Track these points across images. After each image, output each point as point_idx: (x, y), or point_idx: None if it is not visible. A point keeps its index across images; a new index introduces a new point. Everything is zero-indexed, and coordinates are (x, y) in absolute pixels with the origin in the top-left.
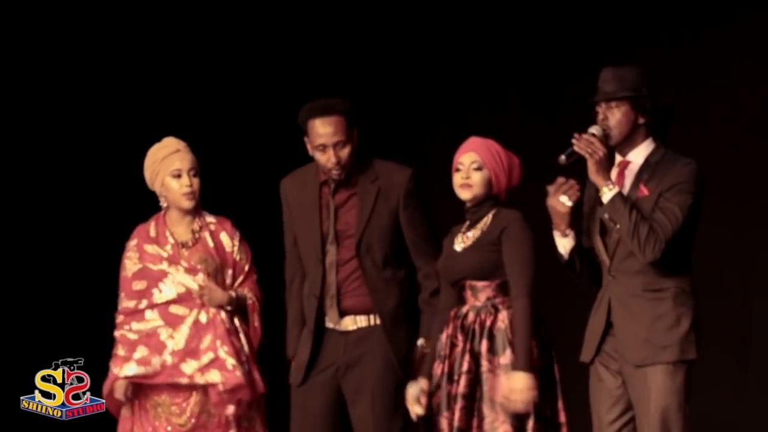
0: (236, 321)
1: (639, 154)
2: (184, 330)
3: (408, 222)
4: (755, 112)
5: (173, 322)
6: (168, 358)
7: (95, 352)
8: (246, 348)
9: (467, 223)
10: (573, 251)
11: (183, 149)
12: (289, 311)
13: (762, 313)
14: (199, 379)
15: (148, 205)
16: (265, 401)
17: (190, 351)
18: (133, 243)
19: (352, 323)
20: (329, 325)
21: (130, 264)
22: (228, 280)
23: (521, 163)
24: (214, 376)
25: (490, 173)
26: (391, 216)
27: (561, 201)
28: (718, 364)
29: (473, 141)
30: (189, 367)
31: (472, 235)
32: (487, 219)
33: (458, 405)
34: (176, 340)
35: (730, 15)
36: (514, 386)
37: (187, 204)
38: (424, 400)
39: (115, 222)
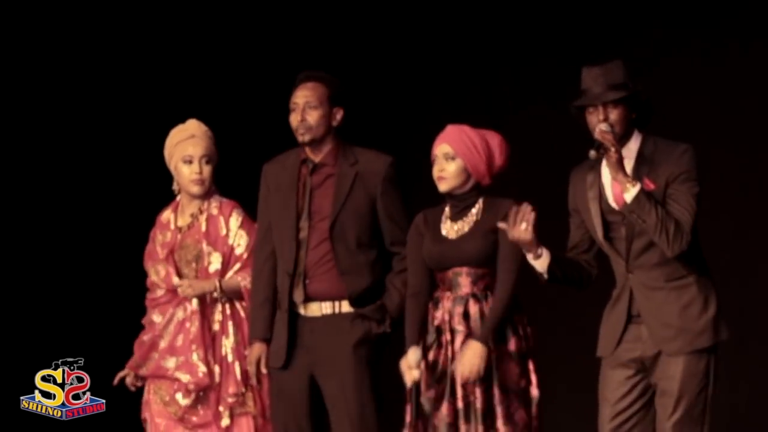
0: (227, 308)
1: (630, 149)
2: (170, 328)
3: (385, 209)
4: (754, 104)
5: (163, 311)
6: (155, 355)
7: (95, 352)
8: (232, 339)
9: (450, 210)
10: (551, 267)
11: (199, 135)
12: (258, 293)
13: (761, 303)
14: (175, 376)
15: (146, 207)
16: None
17: (170, 348)
18: (152, 231)
19: (318, 310)
20: (300, 310)
21: (146, 253)
22: (216, 266)
23: (504, 141)
24: (183, 377)
25: (464, 162)
26: (368, 201)
27: (522, 229)
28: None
29: (447, 131)
30: (169, 363)
31: (466, 222)
32: (479, 207)
33: (479, 389)
34: (164, 338)
35: (723, 12)
36: (468, 353)
37: (196, 190)
38: (423, 365)
39: (115, 223)
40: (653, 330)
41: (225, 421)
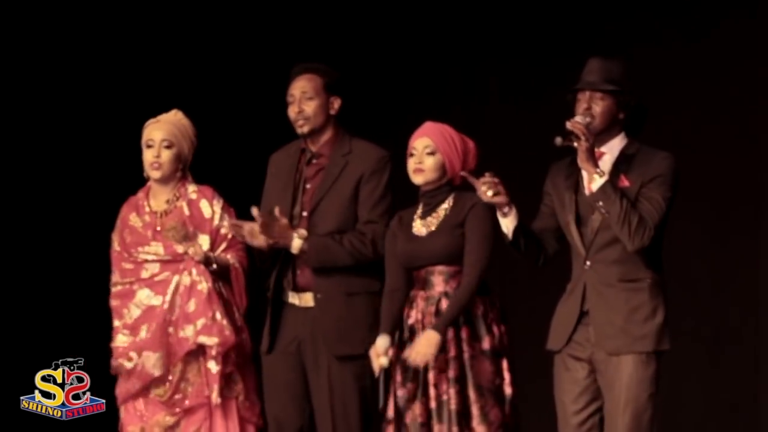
0: (219, 285)
1: (613, 147)
2: (177, 298)
3: (363, 197)
4: (732, 109)
5: (161, 290)
6: (171, 330)
7: (95, 352)
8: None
9: (422, 208)
10: (516, 230)
11: (163, 120)
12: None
13: (734, 308)
14: (198, 341)
15: None
16: (253, 368)
17: (185, 316)
18: (122, 214)
19: (312, 299)
20: (291, 300)
21: (116, 238)
22: (206, 247)
23: (477, 146)
24: (208, 340)
25: (443, 158)
26: (353, 190)
27: (482, 190)
28: (690, 356)
29: (427, 126)
30: (188, 331)
31: (435, 219)
32: (449, 203)
33: (453, 389)
34: (174, 311)
35: (713, 15)
36: (422, 341)
37: (154, 174)
38: (391, 352)
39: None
40: (597, 326)
41: (215, 401)
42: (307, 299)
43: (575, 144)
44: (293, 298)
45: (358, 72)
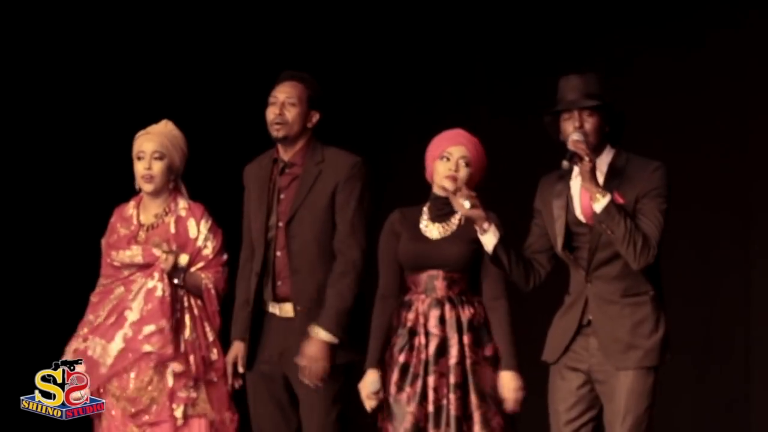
0: (189, 301)
1: (602, 161)
2: (140, 297)
3: (339, 205)
4: (721, 118)
5: (130, 286)
6: (129, 332)
7: None
8: (188, 332)
9: (434, 211)
10: (497, 247)
11: (154, 132)
12: (238, 294)
13: (723, 319)
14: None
15: None
16: (226, 386)
17: (141, 319)
18: (112, 221)
19: (291, 310)
20: (272, 310)
21: (105, 243)
22: (183, 263)
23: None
24: (148, 347)
25: (473, 172)
26: (329, 199)
27: (460, 203)
28: (681, 367)
29: (464, 135)
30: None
31: (449, 225)
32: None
33: (454, 395)
34: (133, 310)
35: (703, 23)
36: (505, 385)
37: (146, 187)
38: (382, 394)
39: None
40: (603, 342)
41: (179, 421)
42: (287, 309)
43: (579, 164)
44: (273, 308)
45: (347, 85)
